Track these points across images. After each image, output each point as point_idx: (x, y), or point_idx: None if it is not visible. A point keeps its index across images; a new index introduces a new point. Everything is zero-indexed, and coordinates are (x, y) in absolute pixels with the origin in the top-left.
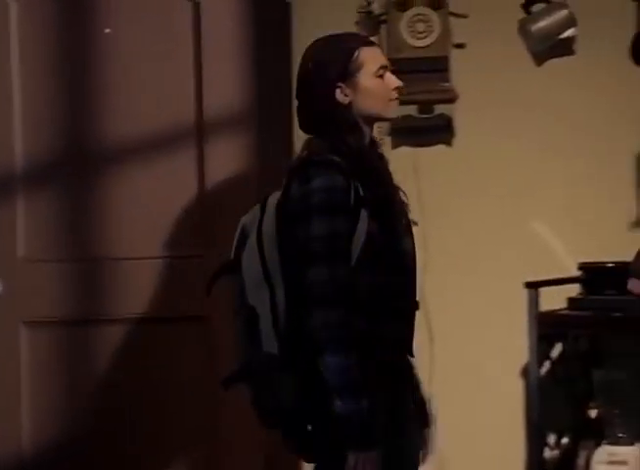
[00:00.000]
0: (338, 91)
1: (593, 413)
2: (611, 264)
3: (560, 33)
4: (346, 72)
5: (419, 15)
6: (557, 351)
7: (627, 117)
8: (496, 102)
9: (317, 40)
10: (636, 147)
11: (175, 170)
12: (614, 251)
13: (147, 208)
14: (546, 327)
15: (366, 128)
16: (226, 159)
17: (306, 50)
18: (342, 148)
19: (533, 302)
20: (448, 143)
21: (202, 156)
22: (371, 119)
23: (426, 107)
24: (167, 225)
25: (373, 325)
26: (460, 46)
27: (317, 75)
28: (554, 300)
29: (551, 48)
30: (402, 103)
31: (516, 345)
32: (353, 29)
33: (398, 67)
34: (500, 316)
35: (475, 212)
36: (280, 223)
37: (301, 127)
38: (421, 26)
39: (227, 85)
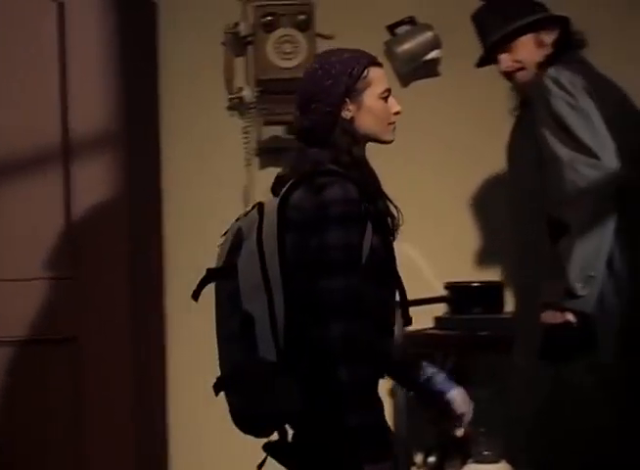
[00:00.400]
0: (342, 107)
1: (460, 432)
2: (476, 284)
3: (425, 55)
4: (354, 89)
5: (286, 36)
6: None
7: (493, 136)
8: None
9: (328, 51)
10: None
11: (42, 190)
12: (480, 270)
13: (14, 229)
14: (414, 346)
15: (364, 147)
16: (94, 177)
17: (317, 58)
18: (344, 159)
19: None
20: None
21: (68, 175)
22: (367, 139)
23: (293, 127)
24: (35, 247)
25: (377, 336)
26: None
27: (327, 86)
28: (421, 319)
29: (416, 69)
30: (269, 123)
31: None
32: (219, 50)
33: (265, 88)
34: None
35: None
36: (282, 230)
37: (299, 137)
38: (288, 48)
39: (93, 98)
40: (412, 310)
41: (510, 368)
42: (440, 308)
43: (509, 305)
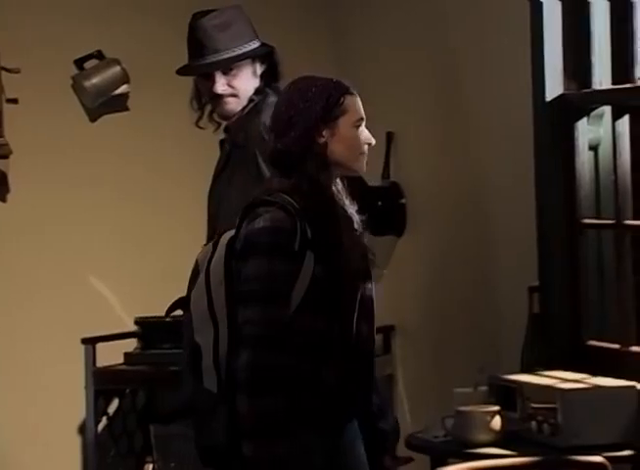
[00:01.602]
0: (315, 132)
1: (149, 468)
2: (167, 319)
3: (114, 89)
4: (329, 114)
5: None
6: (114, 406)
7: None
8: (52, 157)
9: (303, 77)
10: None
11: None
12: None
13: None
14: (103, 383)
15: (335, 175)
16: None
17: (292, 84)
18: (303, 187)
19: (90, 357)
20: (3, 199)
21: None
22: (338, 168)
23: None
24: None
25: (309, 368)
26: (13, 101)
27: (302, 109)
28: (111, 355)
29: (105, 104)
30: None
31: (73, 401)
32: None
33: None
34: (57, 373)
35: (33, 268)
36: (228, 261)
37: (271, 163)
38: None
39: None
40: (102, 346)
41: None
42: (131, 344)
43: None
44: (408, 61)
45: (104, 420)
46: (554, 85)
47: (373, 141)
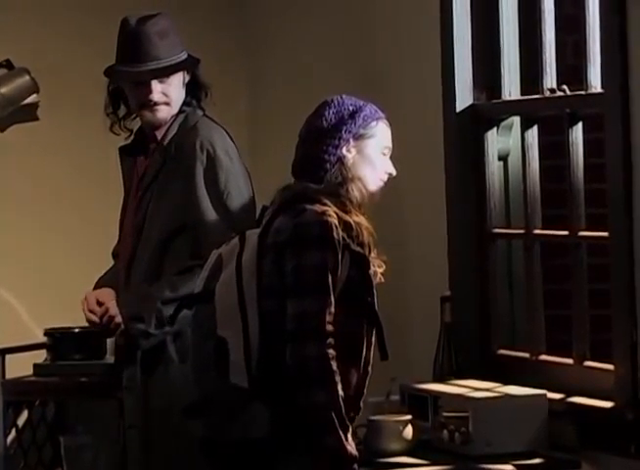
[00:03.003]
0: (348, 143)
1: None
2: (77, 330)
3: (23, 99)
4: (359, 133)
5: None
6: (23, 418)
7: (93, 180)
8: None
9: (342, 96)
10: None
11: None
12: (82, 316)
13: None
14: (12, 394)
15: (357, 187)
16: None
17: (330, 100)
18: (335, 192)
19: None
20: None
21: None
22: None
23: None
24: None
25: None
26: None
27: (338, 123)
28: (20, 367)
29: (14, 113)
30: None
31: None
32: None
33: None
34: None
35: None
36: (262, 256)
37: (293, 170)
38: None
39: None
40: (12, 357)
41: (110, 413)
42: (41, 355)
43: (109, 350)
44: (318, 65)
45: (13, 432)
46: (464, 96)
47: (394, 172)
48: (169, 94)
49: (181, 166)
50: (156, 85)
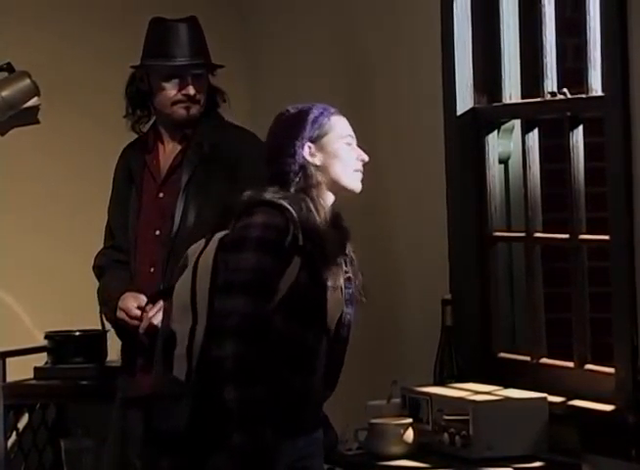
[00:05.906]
0: (306, 149)
1: None
2: (77, 333)
3: (23, 103)
4: (314, 135)
5: None
6: (24, 421)
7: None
8: None
9: (290, 107)
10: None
11: None
12: (82, 319)
13: None
14: (13, 398)
15: (330, 195)
16: None
17: (279, 115)
18: (302, 200)
19: (0, 372)
20: None
21: None
22: (337, 188)
23: None
24: None
25: (280, 368)
26: None
27: (291, 134)
28: (21, 370)
29: (15, 117)
30: None
31: None
32: None
33: None
34: None
35: None
36: (217, 254)
37: (269, 185)
38: None
39: None
40: (12, 360)
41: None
42: (42, 358)
43: (110, 353)
44: (317, 66)
45: (14, 435)
46: (464, 99)
47: (366, 157)
48: (202, 93)
49: (222, 167)
50: (193, 81)
